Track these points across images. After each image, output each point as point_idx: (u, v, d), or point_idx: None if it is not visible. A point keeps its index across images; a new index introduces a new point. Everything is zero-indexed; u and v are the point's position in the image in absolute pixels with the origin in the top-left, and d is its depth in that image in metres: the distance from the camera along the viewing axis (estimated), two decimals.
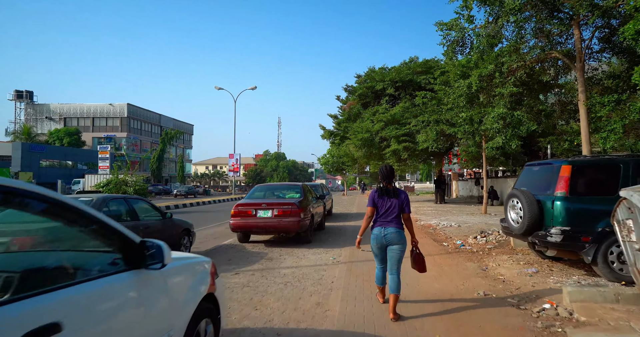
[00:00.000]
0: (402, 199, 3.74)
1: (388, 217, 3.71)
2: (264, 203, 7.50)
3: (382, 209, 3.72)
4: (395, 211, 3.71)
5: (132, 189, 18.60)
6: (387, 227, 3.69)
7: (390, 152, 18.86)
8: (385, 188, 3.77)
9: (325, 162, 39.45)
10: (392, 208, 3.70)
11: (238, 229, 7.46)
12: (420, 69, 19.94)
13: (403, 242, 3.71)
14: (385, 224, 3.71)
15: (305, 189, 8.63)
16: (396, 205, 3.70)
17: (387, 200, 3.72)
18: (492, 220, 11.93)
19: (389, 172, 3.83)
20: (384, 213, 3.72)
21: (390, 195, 3.73)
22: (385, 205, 3.72)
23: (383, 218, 3.73)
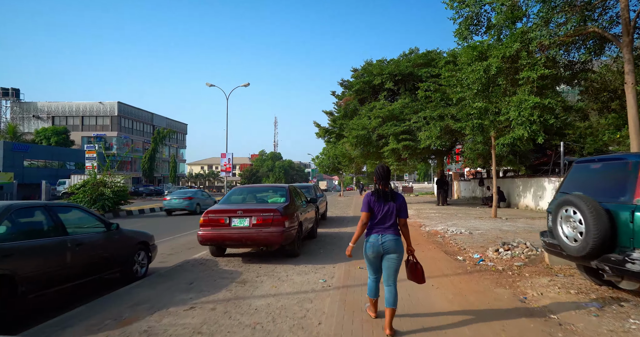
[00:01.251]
0: (399, 203, 3.46)
1: (386, 223, 3.43)
2: (240, 210, 6.12)
3: (379, 214, 3.43)
4: (393, 216, 3.44)
5: (110, 191, 17.17)
6: (384, 234, 3.41)
7: (388, 151, 17.52)
8: (382, 191, 3.46)
9: (320, 162, 38.05)
10: (389, 213, 3.42)
11: (208, 241, 6.08)
12: (421, 61, 18.59)
13: (401, 250, 3.46)
14: (383, 231, 3.43)
15: (292, 191, 7.25)
16: (393, 209, 3.42)
17: (384, 204, 3.42)
18: (506, 225, 10.62)
19: (386, 172, 3.52)
20: (382, 219, 3.42)
21: (387, 198, 3.43)
22: (383, 210, 3.42)
23: (380, 224, 3.43)
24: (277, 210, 6.13)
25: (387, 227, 3.42)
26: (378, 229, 3.43)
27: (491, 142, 13.57)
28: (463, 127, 12.54)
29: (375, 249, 3.41)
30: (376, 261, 3.48)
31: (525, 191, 16.42)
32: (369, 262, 3.52)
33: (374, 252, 3.42)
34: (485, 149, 15.39)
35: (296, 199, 7.51)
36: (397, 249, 3.41)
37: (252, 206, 6.58)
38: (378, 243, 3.40)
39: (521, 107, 8.95)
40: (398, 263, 3.43)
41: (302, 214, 7.45)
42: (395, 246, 3.40)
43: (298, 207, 7.30)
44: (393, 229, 3.44)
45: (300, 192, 8.45)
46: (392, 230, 3.43)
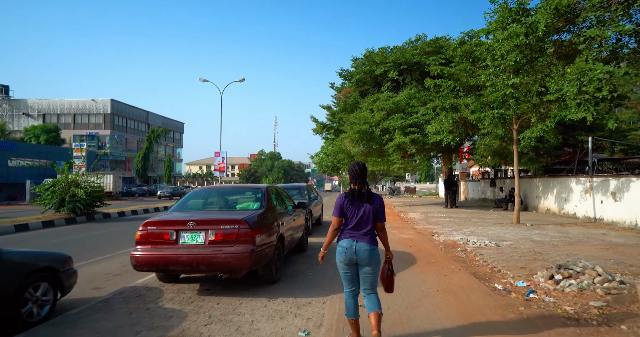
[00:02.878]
0: (377, 205, 3.00)
1: (361, 228, 2.97)
2: (192, 220, 4.32)
3: (354, 219, 2.96)
4: (370, 221, 2.97)
5: (83, 191, 15.40)
6: (359, 242, 2.95)
7: (393, 147, 15.72)
8: (357, 191, 3.00)
9: (319, 161, 36.21)
10: (365, 217, 2.96)
11: (145, 266, 4.25)
12: (429, 49, 16.80)
13: (377, 261, 2.98)
14: (358, 238, 2.96)
15: (269, 195, 5.44)
16: (370, 213, 2.97)
17: (360, 206, 2.98)
18: (535, 234, 8.83)
19: (362, 170, 3.04)
20: (357, 224, 2.97)
21: (363, 199, 2.98)
22: (358, 213, 2.97)
23: (355, 230, 2.98)
24: (245, 221, 4.34)
25: (363, 234, 2.98)
26: (352, 234, 2.99)
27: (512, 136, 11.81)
28: (481, 119, 10.75)
29: (348, 255, 2.97)
30: (350, 269, 3.04)
31: (546, 193, 14.63)
32: (343, 271, 3.08)
33: (346, 258, 2.98)
34: (501, 145, 13.62)
35: (277, 204, 5.73)
36: (372, 260, 2.97)
37: (212, 214, 4.78)
38: (352, 250, 2.96)
39: (583, 79, 6.76)
40: (375, 275, 3.03)
41: (286, 224, 5.67)
42: (370, 258, 2.95)
43: (279, 214, 5.52)
44: (369, 236, 3.00)
45: (285, 194, 6.66)
46: (369, 238, 2.99)
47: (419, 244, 8.15)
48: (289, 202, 6.65)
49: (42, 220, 13.83)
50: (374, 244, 3.00)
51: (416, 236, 9.29)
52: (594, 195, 11.55)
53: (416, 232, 9.96)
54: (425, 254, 6.94)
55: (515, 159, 11.23)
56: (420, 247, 7.76)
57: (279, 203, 5.99)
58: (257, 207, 5.05)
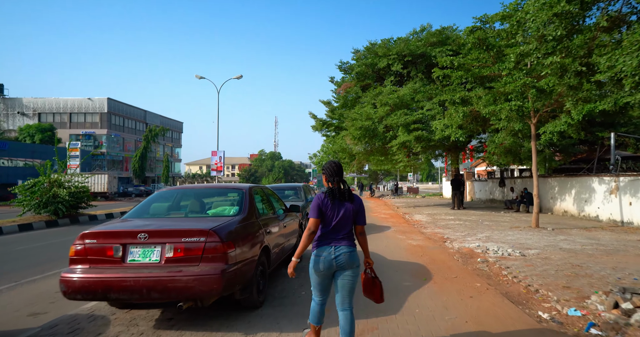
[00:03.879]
0: (357, 205, 2.79)
1: (340, 231, 2.75)
2: (144, 231, 3.27)
3: (333, 220, 2.72)
4: (349, 222, 2.77)
5: (66, 192, 14.38)
6: (338, 246, 2.73)
7: (397, 145, 14.68)
8: (337, 190, 2.75)
9: (319, 160, 35.11)
10: (345, 218, 2.74)
11: (77, 293, 3.14)
12: (434, 40, 15.74)
13: (358, 264, 2.78)
14: (336, 242, 2.74)
15: (252, 197, 4.37)
16: (350, 214, 2.75)
17: (339, 207, 2.73)
18: (562, 241, 7.76)
19: (338, 168, 2.84)
20: (336, 226, 2.73)
21: (345, 198, 2.76)
22: (337, 214, 2.72)
23: (333, 233, 2.74)
24: (214, 231, 3.29)
25: (341, 237, 2.73)
26: (330, 239, 2.73)
27: (528, 132, 10.77)
28: (497, 112, 9.69)
29: (327, 264, 2.69)
30: (326, 280, 2.79)
31: (563, 193, 13.56)
32: (317, 281, 2.79)
33: (324, 269, 2.71)
34: (515, 142, 12.57)
35: (263, 208, 4.69)
36: (354, 263, 2.74)
37: (173, 222, 3.71)
38: (331, 257, 2.69)
39: None
40: (354, 281, 2.77)
41: (274, 232, 4.63)
42: (352, 260, 2.72)
43: (265, 220, 4.48)
44: (348, 239, 2.76)
45: (274, 196, 5.61)
46: (347, 240, 2.75)
47: (431, 252, 7.10)
48: (279, 205, 5.60)
49: (20, 223, 12.80)
50: (354, 245, 2.80)
51: (426, 243, 8.24)
52: (620, 196, 10.48)
53: (426, 238, 8.91)
54: (441, 266, 5.89)
55: (534, 157, 10.17)
56: (433, 256, 6.71)
57: (266, 206, 4.95)
58: (235, 213, 4.01)
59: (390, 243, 8.25)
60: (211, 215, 4.04)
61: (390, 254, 6.94)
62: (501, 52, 9.33)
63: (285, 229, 5.32)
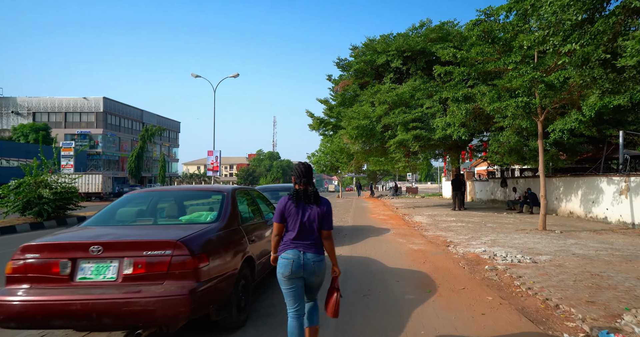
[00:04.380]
0: (324, 209, 2.68)
1: (307, 237, 2.64)
2: (98, 243, 2.75)
3: (297, 224, 2.61)
4: (316, 227, 2.65)
5: (51, 193, 13.81)
6: (306, 253, 2.62)
7: (395, 144, 14.17)
8: (303, 192, 2.66)
9: (317, 160, 34.62)
10: (310, 223, 2.63)
11: (13, 321, 2.58)
12: (434, 35, 15.23)
13: (324, 272, 2.73)
14: (304, 248, 2.63)
15: (234, 201, 3.83)
16: (315, 218, 2.64)
17: (305, 210, 2.64)
18: (573, 245, 7.26)
19: (307, 170, 2.74)
20: (300, 232, 2.62)
21: (310, 201, 2.65)
22: (302, 218, 2.62)
23: (299, 238, 2.63)
24: (182, 243, 2.77)
25: (310, 243, 2.63)
26: (297, 244, 2.62)
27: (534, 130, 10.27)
28: (502, 109, 9.19)
29: (294, 268, 2.59)
30: (295, 283, 2.64)
31: (569, 194, 13.07)
32: (286, 286, 2.64)
33: (293, 273, 2.59)
34: (519, 141, 12.08)
35: (247, 213, 4.18)
36: (321, 271, 2.68)
37: (137, 231, 3.18)
38: (300, 262, 2.59)
39: None
40: (320, 284, 2.75)
41: (259, 240, 4.11)
42: (319, 269, 2.66)
43: (250, 227, 3.96)
44: (317, 246, 2.66)
45: (263, 199, 5.07)
46: (317, 247, 2.66)
47: (434, 258, 6.58)
48: (269, 209, 5.08)
49: (2, 225, 12.24)
50: (322, 253, 2.70)
51: (428, 247, 7.72)
52: (631, 197, 9.99)
53: (427, 242, 8.40)
54: (446, 275, 5.37)
55: (541, 156, 9.66)
56: (436, 263, 6.19)
57: (252, 211, 4.43)
58: (213, 219, 3.48)
59: (389, 248, 7.74)
60: (184, 222, 3.51)
61: (390, 260, 6.42)
62: (507, 45, 8.83)
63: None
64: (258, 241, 4.05)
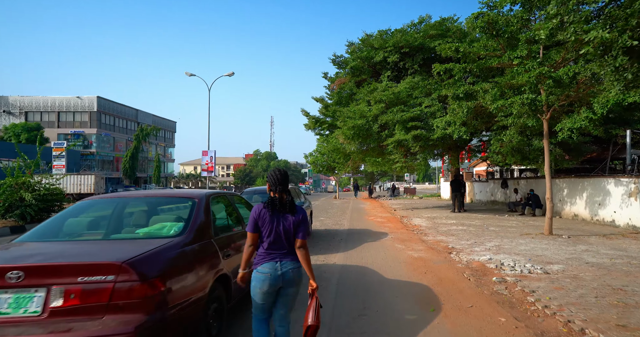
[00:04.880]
0: (299, 218, 2.57)
1: (283, 246, 2.54)
2: (18, 267, 2.15)
3: (272, 233, 2.51)
4: (291, 235, 2.55)
5: (31, 196, 13.17)
6: (283, 262, 2.53)
7: (393, 144, 13.64)
8: (278, 200, 2.55)
9: (314, 160, 34.06)
10: (286, 233, 2.53)
11: None
12: (434, 32, 14.71)
13: (302, 282, 2.64)
14: (281, 257, 2.54)
15: (207, 209, 3.22)
16: (291, 227, 2.54)
17: (279, 219, 2.53)
18: (585, 253, 6.75)
19: (283, 176, 2.61)
20: (276, 241, 2.52)
21: (285, 210, 2.55)
22: (278, 228, 2.52)
23: (274, 248, 2.53)
24: (129, 266, 2.21)
25: (285, 252, 2.54)
26: (273, 255, 2.52)
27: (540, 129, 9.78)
28: (506, 106, 8.67)
29: (272, 281, 2.48)
30: (270, 298, 2.55)
31: (573, 196, 12.58)
32: (260, 302, 2.54)
33: (270, 286, 2.49)
34: (522, 141, 11.58)
35: (224, 223, 3.64)
36: (300, 280, 2.60)
37: (78, 249, 2.60)
38: (277, 273, 2.49)
39: None
40: (296, 298, 2.63)
41: (238, 252, 3.54)
42: (299, 277, 2.58)
43: (226, 240, 3.41)
44: (292, 254, 2.57)
45: (245, 205, 4.50)
46: (293, 255, 2.57)
47: (436, 268, 6.04)
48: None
49: None
50: (298, 261, 2.58)
51: (429, 254, 7.18)
52: None
53: (428, 248, 7.86)
54: (451, 289, 4.83)
55: (546, 156, 9.16)
56: (439, 274, 5.65)
57: (231, 220, 3.87)
58: (176, 233, 2.92)
59: (388, 255, 7.19)
60: (142, 236, 2.94)
61: (389, 271, 5.88)
62: (513, 38, 8.31)
63: None
64: (235, 255, 3.50)
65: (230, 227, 3.75)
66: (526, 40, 7.76)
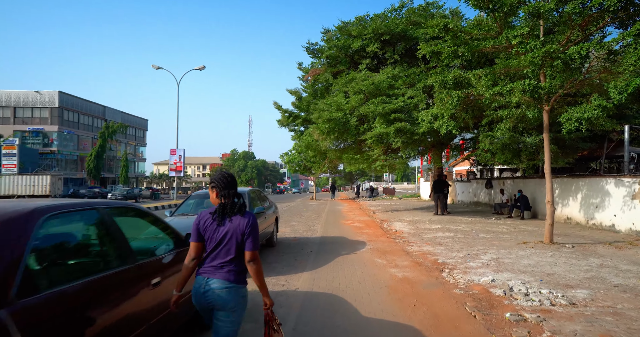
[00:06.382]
0: (243, 225, 2.18)
1: (218, 258, 2.20)
2: None
3: (212, 243, 2.21)
4: (233, 247, 2.17)
5: None
6: (211, 279, 2.17)
7: (373, 138, 12.28)
8: (221, 205, 2.23)
9: (290, 159, 32.44)
10: (226, 242, 2.18)
11: None
12: (417, 18, 13.45)
13: (237, 306, 2.17)
14: (211, 273, 2.19)
15: (24, 237, 1.66)
16: (233, 236, 2.17)
17: (221, 226, 2.19)
18: (605, 269, 5.53)
19: (230, 179, 2.33)
20: (213, 251, 2.20)
21: (228, 215, 2.20)
22: (217, 236, 2.20)
23: (210, 261, 2.22)
24: None
25: (219, 265, 2.17)
26: (207, 267, 2.21)
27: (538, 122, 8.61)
28: (505, 94, 7.42)
29: (197, 299, 2.21)
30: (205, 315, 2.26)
31: (566, 197, 11.58)
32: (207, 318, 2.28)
33: (197, 302, 2.22)
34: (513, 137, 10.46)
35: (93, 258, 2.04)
36: (228, 303, 2.14)
37: None
38: (200, 291, 2.18)
39: None
40: (233, 327, 2.17)
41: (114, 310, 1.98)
42: (225, 300, 2.13)
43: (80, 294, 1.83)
44: (226, 269, 2.17)
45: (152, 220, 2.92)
46: (225, 271, 2.17)
47: (428, 296, 4.63)
48: (166, 235, 2.95)
49: None
50: (233, 280, 2.17)
51: (416, 273, 5.79)
52: None
53: (414, 263, 6.47)
54: (453, 336, 3.42)
55: (547, 153, 7.98)
56: (432, 307, 4.24)
57: (110, 250, 2.29)
58: None
59: (366, 274, 5.76)
60: None
61: (367, 302, 4.43)
62: (512, 12, 7.05)
63: (164, 285, 2.66)
64: (108, 314, 1.92)
65: (109, 263, 2.19)
66: (529, 13, 6.51)
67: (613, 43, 6.05)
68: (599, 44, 6.13)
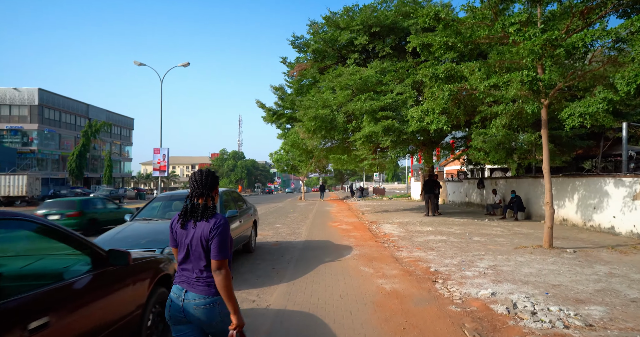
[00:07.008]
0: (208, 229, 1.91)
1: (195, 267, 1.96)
2: None
3: (182, 248, 1.99)
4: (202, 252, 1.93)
5: None
6: (189, 292, 1.95)
7: (362, 138, 11.63)
8: (189, 207, 1.99)
9: (278, 158, 31.67)
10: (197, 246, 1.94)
11: None
12: (407, 9, 12.85)
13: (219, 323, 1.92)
14: (190, 284, 1.96)
15: None
16: (199, 241, 1.92)
17: (188, 230, 1.97)
18: (615, 279, 4.96)
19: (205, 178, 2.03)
20: (185, 259, 1.99)
21: (196, 218, 1.96)
22: (186, 241, 1.98)
23: (186, 269, 2.00)
24: None
25: (196, 276, 1.94)
26: (184, 277, 1.98)
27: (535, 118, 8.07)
28: (501, 86, 6.83)
29: (173, 311, 1.95)
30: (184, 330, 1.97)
31: (562, 197, 11.10)
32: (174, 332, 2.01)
33: (172, 315, 1.96)
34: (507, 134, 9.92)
35: None
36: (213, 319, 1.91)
37: None
38: (179, 303, 1.93)
39: None
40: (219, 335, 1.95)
41: None
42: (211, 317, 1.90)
43: None
44: (204, 281, 1.93)
45: (53, 232, 2.20)
46: (204, 284, 1.93)
47: (420, 316, 3.98)
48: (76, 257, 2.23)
49: None
50: (212, 293, 1.92)
51: (406, 285, 5.13)
52: None
53: (403, 272, 5.82)
54: None
55: (545, 150, 7.43)
56: (425, 331, 3.58)
57: None
58: None
59: (349, 287, 5.08)
60: None
61: (346, 324, 3.76)
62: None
63: (60, 325, 1.94)
64: None
65: None
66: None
67: (621, 29, 5.51)
68: (605, 30, 5.58)
